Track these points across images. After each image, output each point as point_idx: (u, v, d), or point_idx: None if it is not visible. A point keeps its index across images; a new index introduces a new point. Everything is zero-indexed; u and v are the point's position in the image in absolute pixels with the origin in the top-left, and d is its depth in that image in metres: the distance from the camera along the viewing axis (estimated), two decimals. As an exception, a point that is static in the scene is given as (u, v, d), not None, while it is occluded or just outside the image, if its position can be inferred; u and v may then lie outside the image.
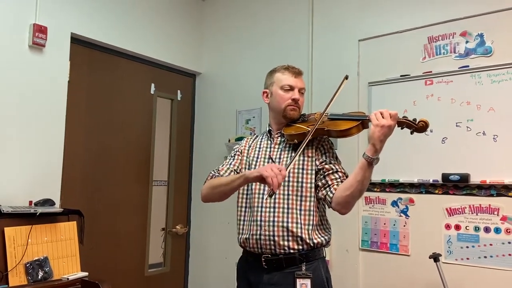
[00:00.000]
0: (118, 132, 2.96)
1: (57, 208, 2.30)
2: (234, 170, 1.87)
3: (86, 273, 2.19)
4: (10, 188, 2.28)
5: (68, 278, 2.11)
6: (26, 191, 2.33)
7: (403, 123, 1.57)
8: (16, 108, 2.34)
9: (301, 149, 1.64)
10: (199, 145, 3.46)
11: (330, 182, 1.68)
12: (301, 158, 1.74)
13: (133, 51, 2.98)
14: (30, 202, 2.29)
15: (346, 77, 1.68)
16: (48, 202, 2.29)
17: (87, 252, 2.47)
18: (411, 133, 1.58)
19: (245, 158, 1.89)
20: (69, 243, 2.22)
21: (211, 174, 1.87)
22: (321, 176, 1.71)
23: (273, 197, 1.65)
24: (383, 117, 1.51)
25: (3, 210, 2.04)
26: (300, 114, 1.83)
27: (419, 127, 1.55)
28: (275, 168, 1.51)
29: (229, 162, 1.90)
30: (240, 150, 1.93)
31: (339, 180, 1.68)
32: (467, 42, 2.34)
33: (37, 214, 2.10)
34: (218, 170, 1.87)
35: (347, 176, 1.70)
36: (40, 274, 2.04)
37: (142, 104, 3.13)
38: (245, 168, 1.87)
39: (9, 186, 2.28)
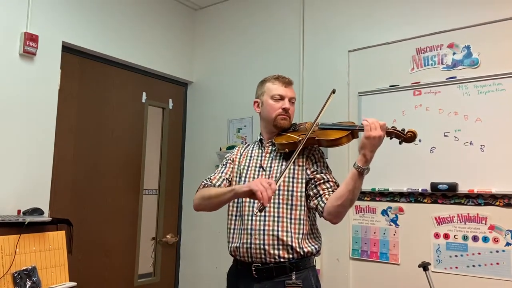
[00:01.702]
0: (108, 141, 2.95)
1: (45, 217, 2.28)
2: (226, 178, 1.88)
3: (74, 283, 2.17)
4: (-1, 197, 2.26)
5: (56, 288, 2.09)
6: (14, 200, 2.31)
7: (392, 133, 1.59)
8: (5, 116, 2.32)
9: (292, 160, 1.65)
10: (190, 154, 3.46)
11: (321, 192, 1.69)
12: (292, 167, 1.75)
13: (124, 59, 2.99)
14: (19, 211, 2.27)
15: (333, 91, 1.71)
16: (37, 211, 2.28)
17: (76, 262, 2.44)
18: (400, 143, 1.60)
19: (236, 166, 1.90)
20: (57, 252, 2.20)
21: (203, 183, 1.87)
22: (313, 186, 1.72)
23: (263, 211, 1.64)
24: (374, 127, 1.52)
25: (-10, 219, 2.02)
26: (291, 124, 1.85)
27: (408, 137, 1.57)
28: (264, 182, 1.51)
29: (221, 171, 1.91)
30: (231, 159, 1.94)
31: (330, 189, 1.70)
32: (454, 53, 2.39)
33: (26, 223, 2.08)
34: (210, 179, 1.87)
35: (338, 186, 1.71)
36: (28, 284, 2.01)
37: (133, 112, 3.12)
38: (236, 176, 1.88)
39: (-3, 194, 2.26)
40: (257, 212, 1.68)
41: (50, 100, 2.53)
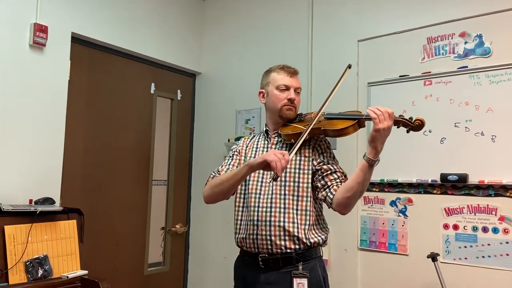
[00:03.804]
0: (118, 132, 2.97)
1: (57, 206, 2.31)
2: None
3: (85, 272, 2.21)
4: (11, 187, 2.29)
5: (67, 276, 2.12)
6: (26, 189, 2.34)
7: (399, 122, 1.57)
8: (16, 107, 2.35)
9: (298, 145, 1.64)
10: (199, 145, 3.47)
11: (329, 183, 1.68)
12: (298, 157, 1.75)
13: (133, 50, 2.99)
14: (30, 201, 2.30)
15: (349, 66, 1.71)
16: (48, 200, 2.31)
17: (87, 251, 2.48)
18: (407, 131, 1.58)
19: (242, 158, 1.90)
20: (69, 241, 2.24)
21: (211, 176, 1.87)
22: (320, 177, 1.71)
23: (277, 180, 1.65)
24: (383, 119, 1.50)
25: (3, 209, 2.06)
26: (297, 114, 1.84)
27: (415, 125, 1.55)
28: (278, 153, 1.54)
29: (228, 163, 1.91)
30: (238, 150, 1.93)
31: (338, 180, 1.69)
32: (466, 42, 2.34)
33: (37, 212, 2.11)
34: (218, 171, 1.87)
35: (345, 176, 1.71)
36: (40, 272, 2.05)
37: (142, 103, 3.14)
38: (243, 168, 1.87)
39: (9, 184, 2.29)
40: (270, 181, 1.71)
41: (59, 91, 2.55)
